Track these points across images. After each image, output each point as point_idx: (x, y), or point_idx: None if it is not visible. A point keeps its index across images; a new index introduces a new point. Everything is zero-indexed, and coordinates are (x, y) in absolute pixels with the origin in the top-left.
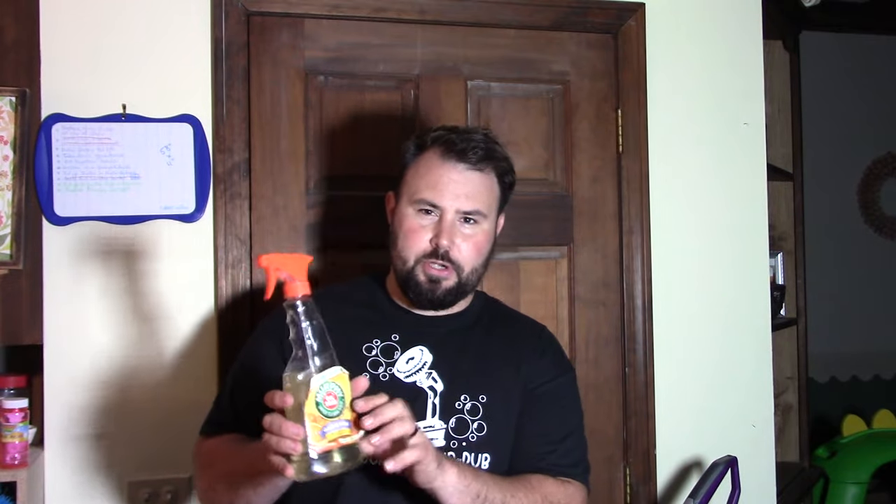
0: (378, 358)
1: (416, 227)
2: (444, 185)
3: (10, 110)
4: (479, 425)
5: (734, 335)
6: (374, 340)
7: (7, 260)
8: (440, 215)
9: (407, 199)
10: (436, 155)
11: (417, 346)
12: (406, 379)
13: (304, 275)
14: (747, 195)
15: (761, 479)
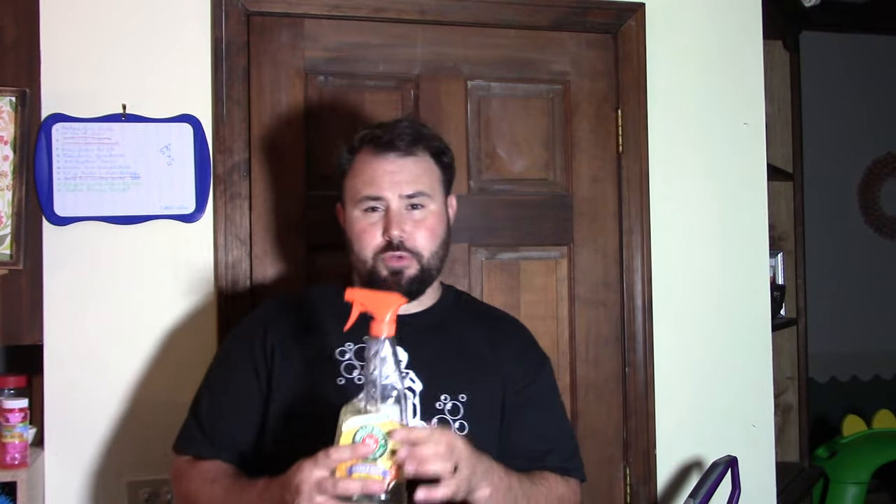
0: (352, 361)
1: (365, 227)
2: (380, 178)
3: (10, 110)
4: (460, 425)
5: (734, 335)
6: (346, 344)
7: (7, 260)
8: (386, 208)
9: (351, 202)
10: (367, 153)
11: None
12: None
13: (387, 314)
14: (747, 195)
15: (761, 479)
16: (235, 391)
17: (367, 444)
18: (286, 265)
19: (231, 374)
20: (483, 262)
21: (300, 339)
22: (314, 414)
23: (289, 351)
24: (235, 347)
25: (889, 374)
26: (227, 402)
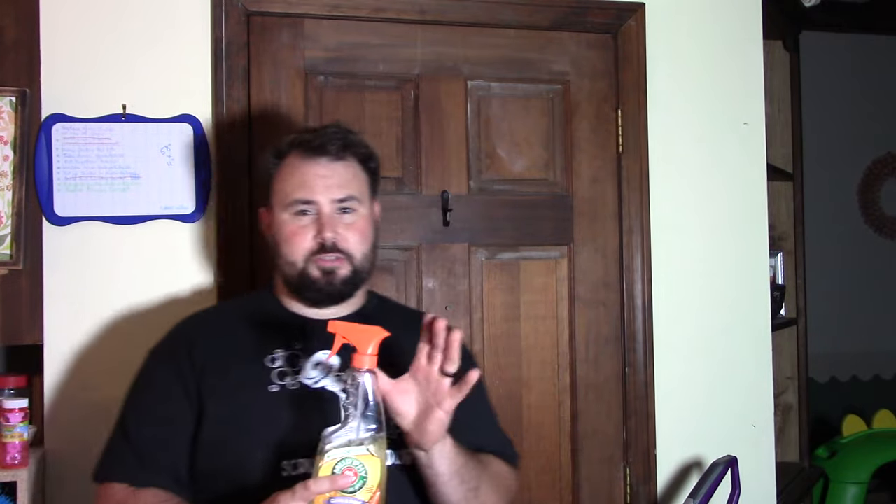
0: (284, 368)
1: (296, 230)
2: (312, 181)
3: (10, 110)
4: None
5: (734, 335)
6: (276, 351)
7: (7, 260)
8: (317, 211)
9: (280, 206)
10: (297, 157)
11: (321, 350)
12: (315, 385)
13: (370, 347)
14: (747, 195)
15: (761, 479)
16: (166, 414)
17: (346, 477)
18: None
19: (161, 397)
20: (483, 262)
21: (227, 351)
22: (249, 425)
23: (217, 365)
24: (161, 369)
25: (889, 374)
26: (161, 427)
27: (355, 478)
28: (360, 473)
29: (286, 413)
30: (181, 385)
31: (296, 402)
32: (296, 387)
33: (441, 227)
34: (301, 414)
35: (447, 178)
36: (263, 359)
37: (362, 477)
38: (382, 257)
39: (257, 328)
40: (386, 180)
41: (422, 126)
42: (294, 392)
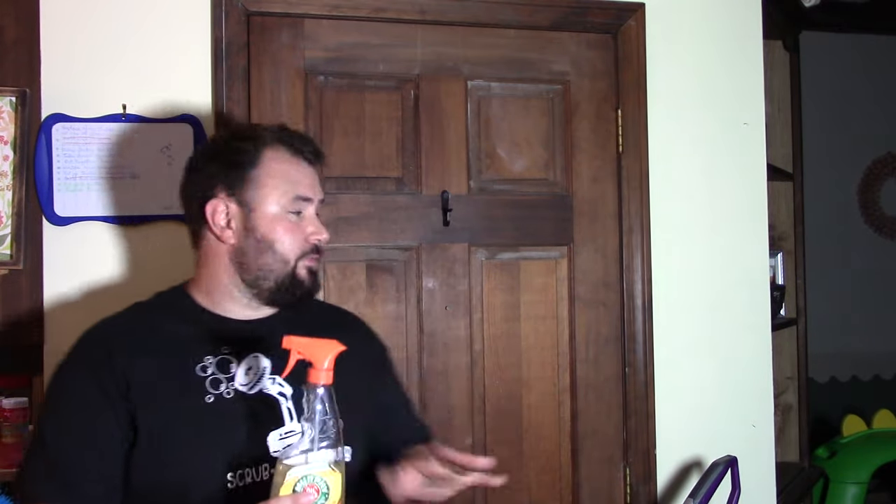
0: (217, 375)
1: (293, 227)
2: (306, 179)
3: (10, 110)
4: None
5: (734, 335)
6: (205, 358)
7: (7, 260)
8: (306, 210)
9: (273, 201)
10: (284, 153)
11: (251, 353)
12: (251, 391)
13: (325, 362)
14: (747, 195)
15: (761, 479)
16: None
17: (308, 494)
18: None
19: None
20: (483, 262)
21: (153, 359)
22: (188, 438)
23: (145, 375)
24: (80, 383)
25: (889, 374)
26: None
27: (317, 495)
28: (321, 490)
29: (226, 423)
30: (105, 399)
31: (234, 410)
32: (231, 394)
33: (441, 227)
34: (241, 422)
35: (447, 178)
36: (194, 367)
37: (324, 493)
38: (382, 257)
39: (184, 333)
40: (386, 180)
41: (422, 126)
42: (231, 400)
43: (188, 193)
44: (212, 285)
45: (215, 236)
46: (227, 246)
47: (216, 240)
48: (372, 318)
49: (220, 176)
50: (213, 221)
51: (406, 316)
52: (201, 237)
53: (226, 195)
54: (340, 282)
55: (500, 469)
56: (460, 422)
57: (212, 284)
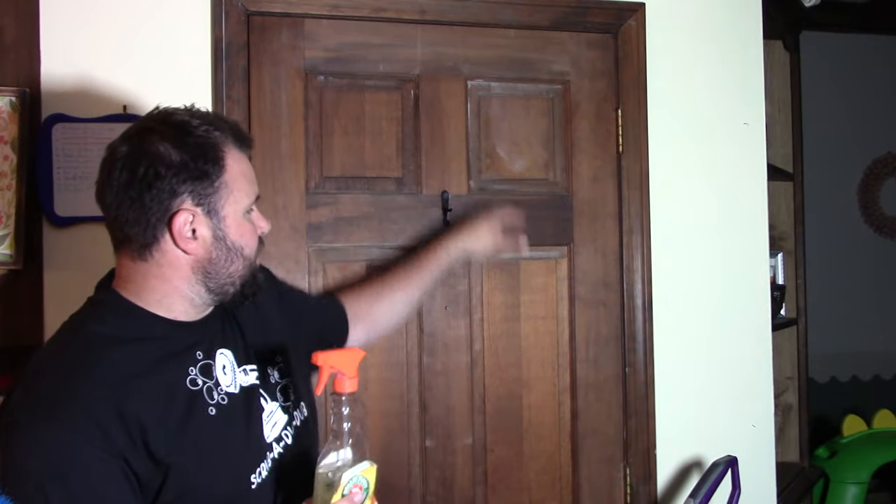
0: (207, 383)
1: (252, 229)
2: (254, 175)
3: (10, 110)
4: (287, 383)
5: (734, 335)
6: (189, 370)
7: (7, 260)
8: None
9: (241, 206)
10: (238, 153)
11: (216, 351)
12: (236, 390)
13: (354, 370)
14: (747, 195)
15: (761, 479)
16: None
17: (355, 494)
18: (287, 265)
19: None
20: (483, 262)
21: (155, 395)
22: (207, 458)
23: (156, 416)
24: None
25: (889, 374)
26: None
27: (361, 491)
28: (363, 486)
29: (233, 429)
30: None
31: (234, 413)
32: (225, 399)
33: (441, 227)
34: (243, 423)
35: (447, 178)
36: (185, 383)
37: (366, 489)
38: (383, 257)
39: (158, 353)
40: (386, 180)
41: (422, 126)
42: (227, 405)
43: (142, 206)
44: (168, 295)
45: (178, 248)
46: (190, 257)
47: (177, 251)
48: None
49: (187, 186)
50: (180, 234)
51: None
52: (154, 249)
53: (192, 205)
54: (340, 282)
55: (500, 469)
56: (460, 422)
57: (168, 294)
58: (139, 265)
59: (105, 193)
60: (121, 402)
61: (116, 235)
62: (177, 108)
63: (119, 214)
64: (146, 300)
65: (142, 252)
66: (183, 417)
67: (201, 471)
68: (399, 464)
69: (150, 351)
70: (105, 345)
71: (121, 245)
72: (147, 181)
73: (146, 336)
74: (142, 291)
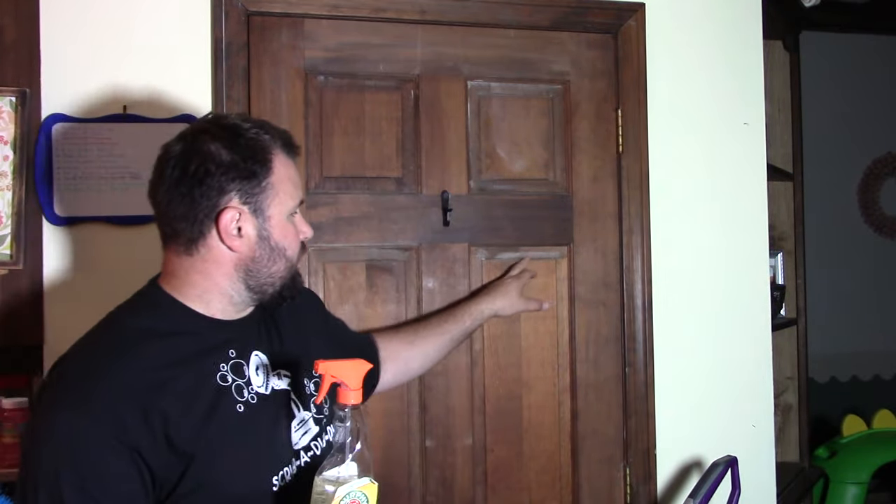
0: (237, 381)
1: (295, 232)
2: (300, 181)
3: (10, 110)
4: (325, 398)
5: (734, 335)
6: (221, 366)
7: (7, 260)
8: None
9: (286, 209)
10: (286, 157)
11: (252, 352)
12: (267, 391)
13: (358, 382)
14: (747, 195)
15: (761, 479)
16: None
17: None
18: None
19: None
20: (483, 262)
21: (183, 389)
22: (231, 454)
23: (181, 412)
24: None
25: (889, 374)
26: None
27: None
28: (361, 501)
29: (259, 428)
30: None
31: (261, 413)
32: (255, 399)
33: (441, 227)
34: (270, 424)
35: (447, 178)
36: (215, 378)
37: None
38: (382, 257)
39: (191, 347)
40: (386, 180)
41: (422, 126)
42: (256, 404)
43: (191, 202)
44: (209, 290)
45: (224, 245)
46: (234, 254)
47: (222, 248)
48: (372, 318)
49: (236, 185)
50: (226, 231)
51: (406, 316)
52: (200, 244)
53: (239, 203)
54: (340, 282)
55: (500, 469)
56: (460, 422)
57: (209, 290)
58: (184, 260)
59: (157, 190)
60: (145, 393)
61: (165, 230)
62: (229, 113)
63: (169, 210)
64: (186, 295)
65: (188, 247)
66: (208, 411)
67: (222, 464)
68: (399, 464)
69: (183, 345)
70: (138, 337)
71: (168, 240)
72: (198, 178)
73: (181, 330)
74: (183, 286)
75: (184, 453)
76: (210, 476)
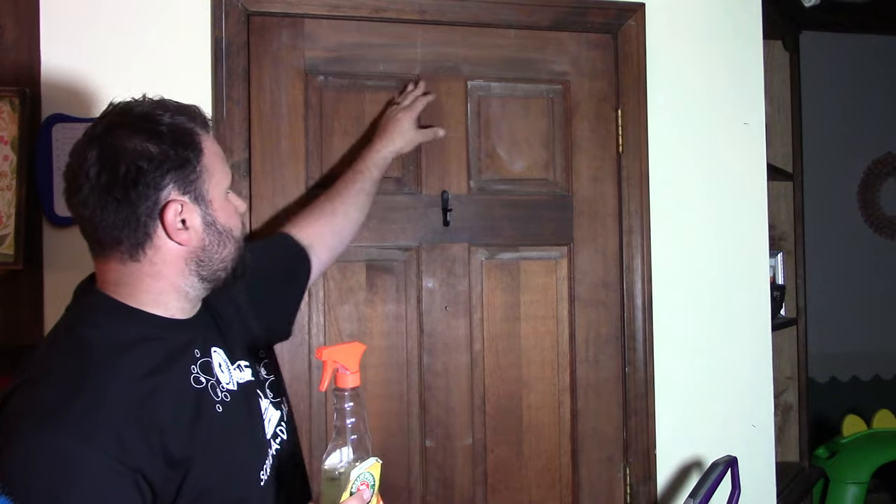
0: (210, 380)
1: (233, 210)
2: (223, 154)
3: (10, 110)
4: (273, 379)
5: (734, 335)
6: (191, 368)
7: (7, 260)
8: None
9: (219, 189)
10: (208, 135)
11: (211, 349)
12: (235, 387)
13: (356, 365)
14: (747, 195)
15: (761, 479)
16: None
17: (363, 491)
18: None
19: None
20: (483, 262)
21: (168, 401)
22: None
23: (170, 420)
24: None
25: (889, 374)
26: None
27: (367, 488)
28: (370, 483)
29: (239, 425)
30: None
31: (237, 409)
32: (228, 396)
33: (441, 227)
34: (246, 419)
35: (447, 178)
36: (190, 382)
37: (372, 485)
38: (382, 257)
39: (161, 353)
40: (386, 180)
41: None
42: (231, 402)
43: (129, 206)
44: (164, 292)
45: (172, 241)
46: (183, 248)
47: (170, 245)
48: (372, 318)
49: (171, 176)
50: (172, 227)
51: (406, 316)
52: (146, 247)
53: (179, 195)
54: (340, 282)
55: (500, 469)
56: (460, 422)
57: (164, 291)
58: (131, 267)
59: (81, 199)
60: (136, 409)
61: (101, 240)
62: (128, 101)
63: (104, 218)
64: (141, 301)
65: (133, 252)
66: (194, 416)
67: (216, 469)
68: (399, 464)
69: (152, 352)
70: (108, 351)
71: (107, 249)
72: (130, 179)
73: (145, 337)
74: (135, 293)
75: (180, 464)
76: (205, 483)
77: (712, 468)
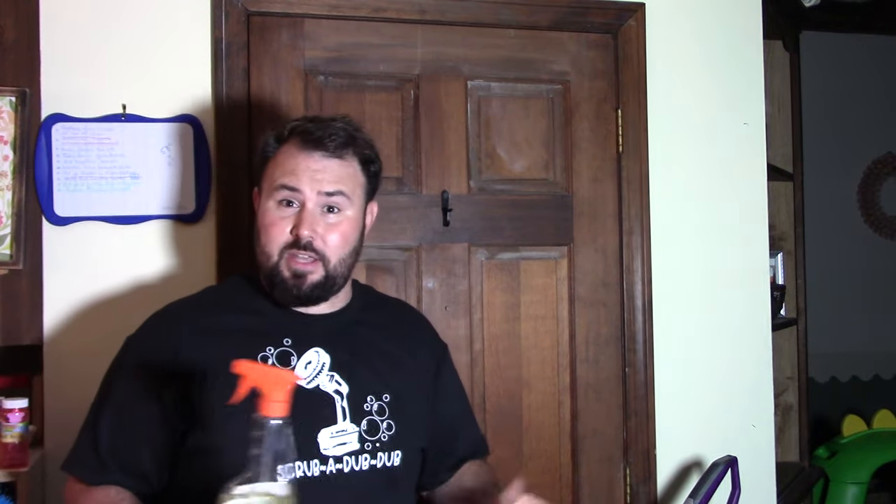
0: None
1: (276, 220)
2: (302, 171)
3: (10, 110)
4: (388, 424)
5: (734, 335)
6: (267, 349)
7: (7, 260)
8: (301, 204)
9: (267, 191)
10: (294, 146)
11: (312, 348)
12: (308, 385)
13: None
14: (747, 195)
15: (761, 479)
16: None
17: None
18: None
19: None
20: (483, 262)
21: (215, 351)
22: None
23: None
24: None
25: (889, 374)
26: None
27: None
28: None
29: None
30: (161, 391)
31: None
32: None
33: (441, 227)
34: (298, 417)
35: (447, 178)
36: (256, 357)
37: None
38: (382, 257)
39: (247, 322)
40: (386, 180)
41: (422, 126)
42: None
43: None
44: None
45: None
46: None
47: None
48: None
49: (256, 166)
50: (255, 206)
51: None
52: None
53: (259, 186)
54: None
55: (500, 469)
56: None
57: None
58: None
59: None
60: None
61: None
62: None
63: None
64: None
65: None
66: (233, 381)
67: (224, 434)
68: None
69: (236, 314)
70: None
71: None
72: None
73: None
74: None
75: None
76: (215, 440)
77: (712, 468)
